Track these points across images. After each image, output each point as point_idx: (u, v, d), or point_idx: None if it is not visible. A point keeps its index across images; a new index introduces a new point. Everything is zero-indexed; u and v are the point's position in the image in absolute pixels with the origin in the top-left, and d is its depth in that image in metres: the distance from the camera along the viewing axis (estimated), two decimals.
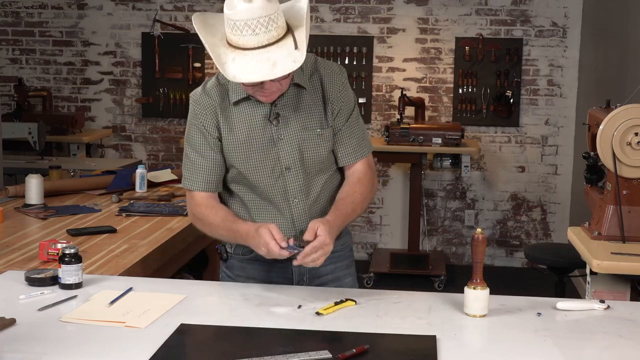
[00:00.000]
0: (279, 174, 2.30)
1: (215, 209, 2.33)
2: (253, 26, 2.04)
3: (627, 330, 1.99)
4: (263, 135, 2.28)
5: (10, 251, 2.82)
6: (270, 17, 2.05)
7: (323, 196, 2.36)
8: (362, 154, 2.38)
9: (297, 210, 2.33)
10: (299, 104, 2.29)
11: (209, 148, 2.31)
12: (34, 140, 5.14)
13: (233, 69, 2.07)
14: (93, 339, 1.87)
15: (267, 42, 2.07)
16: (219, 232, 2.33)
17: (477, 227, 2.13)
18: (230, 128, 2.29)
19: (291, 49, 2.08)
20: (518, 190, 6.49)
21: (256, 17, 2.04)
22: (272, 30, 2.07)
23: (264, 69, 2.06)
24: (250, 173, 2.31)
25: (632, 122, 3.23)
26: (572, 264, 4.09)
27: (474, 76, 6.34)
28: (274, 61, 2.06)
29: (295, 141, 2.28)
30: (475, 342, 1.99)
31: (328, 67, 2.35)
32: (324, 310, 2.06)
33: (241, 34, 2.06)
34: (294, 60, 2.07)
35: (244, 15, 2.03)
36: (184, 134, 2.40)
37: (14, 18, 6.71)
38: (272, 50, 2.07)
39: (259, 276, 2.40)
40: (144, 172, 4.02)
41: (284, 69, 2.07)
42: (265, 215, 2.35)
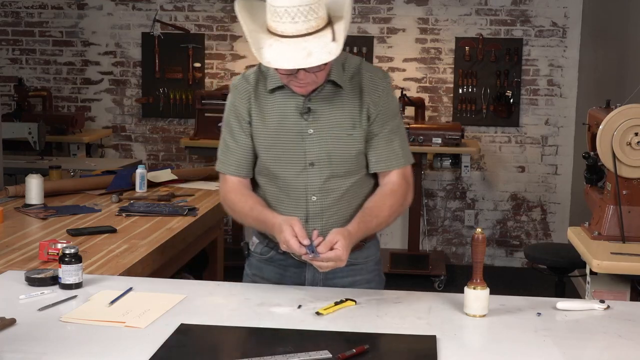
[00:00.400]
0: (302, 169, 2.28)
1: (245, 197, 2.33)
2: (293, 14, 2.04)
3: (627, 330, 1.99)
4: (293, 127, 2.26)
5: (10, 251, 2.82)
6: (310, 6, 2.05)
7: (344, 199, 2.31)
8: (398, 163, 2.32)
9: (313, 208, 2.30)
10: (334, 101, 2.27)
11: (242, 132, 2.32)
12: (34, 140, 5.14)
13: (268, 54, 2.07)
14: (93, 339, 1.87)
15: (306, 31, 2.06)
16: (246, 220, 2.33)
17: (477, 227, 2.12)
18: (262, 115, 2.29)
19: (328, 40, 2.07)
20: (518, 190, 6.49)
21: (296, 4, 2.04)
22: (312, 20, 2.06)
23: (298, 57, 2.05)
24: (274, 163, 2.29)
25: (632, 122, 3.23)
26: (572, 264, 4.09)
27: (474, 76, 6.34)
28: (310, 51, 2.05)
29: (323, 138, 2.26)
30: (475, 342, 1.99)
31: (372, 71, 2.32)
32: (324, 310, 2.06)
33: (280, 20, 2.06)
34: (329, 52, 2.06)
35: (285, 2, 2.04)
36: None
37: (14, 18, 6.71)
38: (309, 40, 2.06)
39: (272, 278, 2.40)
40: (144, 172, 4.02)
41: (319, 59, 2.06)
42: (281, 209, 2.32)
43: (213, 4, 6.51)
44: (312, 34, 2.07)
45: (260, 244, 2.43)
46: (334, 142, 2.26)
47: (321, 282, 2.37)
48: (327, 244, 2.09)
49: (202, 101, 5.97)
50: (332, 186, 2.29)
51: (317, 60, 2.06)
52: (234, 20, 6.49)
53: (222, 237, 4.27)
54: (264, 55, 2.08)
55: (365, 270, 2.41)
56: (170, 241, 3.11)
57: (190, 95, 6.50)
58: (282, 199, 2.32)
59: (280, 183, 2.31)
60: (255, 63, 2.30)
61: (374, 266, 2.46)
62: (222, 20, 6.52)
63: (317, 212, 2.30)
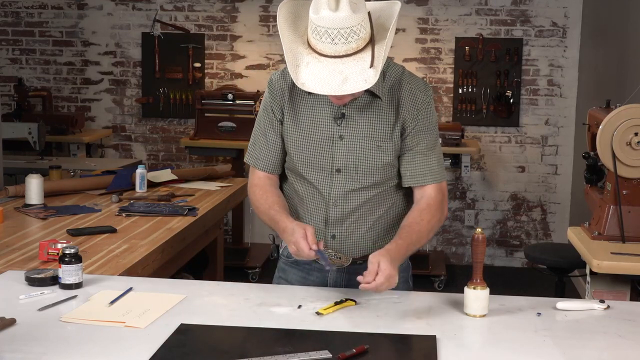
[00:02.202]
0: (329, 174, 2.27)
1: (267, 194, 2.32)
2: (333, 35, 2.01)
3: (627, 330, 1.99)
4: (324, 130, 2.25)
5: (10, 251, 2.82)
6: (352, 28, 2.01)
7: (365, 207, 2.29)
8: (434, 178, 2.29)
9: (334, 214, 2.29)
10: (369, 111, 2.23)
11: (272, 130, 2.31)
12: (34, 140, 5.14)
13: (304, 75, 2.05)
14: (93, 339, 1.87)
15: (345, 52, 2.03)
16: (262, 216, 2.32)
17: (477, 227, 2.12)
18: (295, 115, 2.27)
19: (366, 65, 2.03)
20: (518, 190, 6.49)
21: (337, 27, 2.00)
22: (352, 42, 2.02)
23: (333, 82, 2.03)
24: (302, 165, 2.29)
25: (632, 122, 3.23)
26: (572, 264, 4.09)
27: (474, 76, 6.34)
28: (346, 76, 2.03)
29: (352, 146, 2.24)
30: (475, 342, 1.99)
31: (413, 83, 2.27)
32: (324, 310, 2.06)
33: (320, 40, 2.03)
34: (366, 80, 2.03)
35: (326, 24, 2.00)
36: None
37: (14, 18, 6.71)
38: (347, 62, 2.03)
39: (295, 281, 2.40)
40: (144, 172, 4.02)
41: (354, 87, 2.03)
42: (302, 209, 2.33)
43: (213, 4, 6.51)
44: (351, 55, 2.04)
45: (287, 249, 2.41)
46: (363, 152, 2.24)
47: (343, 287, 2.35)
48: (372, 273, 2.04)
49: (202, 101, 5.98)
50: (355, 195, 2.28)
51: (352, 88, 2.03)
52: (234, 20, 6.49)
53: (222, 237, 4.28)
54: (299, 76, 2.05)
55: None
56: (170, 241, 3.11)
57: (190, 95, 6.50)
58: (305, 199, 2.32)
59: (305, 184, 2.31)
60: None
61: (400, 274, 2.36)
62: (222, 20, 6.52)
63: (337, 218, 2.29)
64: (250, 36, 6.49)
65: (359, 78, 2.03)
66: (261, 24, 6.47)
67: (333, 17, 1.99)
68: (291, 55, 2.07)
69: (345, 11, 1.99)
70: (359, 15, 2.01)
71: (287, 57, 2.07)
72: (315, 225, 2.27)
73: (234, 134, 5.91)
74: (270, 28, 6.46)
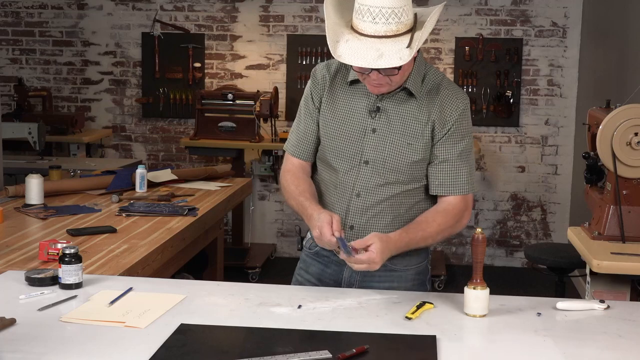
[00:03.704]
0: (356, 164, 2.30)
1: (299, 180, 2.37)
2: (374, 14, 2.06)
3: (627, 330, 1.99)
4: (358, 122, 2.29)
5: (10, 251, 2.82)
6: (394, 10, 2.06)
7: (387, 203, 2.31)
8: (461, 190, 2.29)
9: (355, 205, 2.31)
10: (403, 108, 2.27)
11: (309, 117, 2.37)
12: (34, 140, 5.14)
13: (342, 48, 2.10)
14: (93, 339, 1.87)
15: (384, 33, 2.07)
16: (291, 201, 2.36)
17: (477, 227, 2.12)
18: (333, 105, 2.32)
19: (403, 46, 2.07)
20: (518, 190, 6.49)
21: (379, 6, 2.05)
22: (392, 24, 2.07)
23: (369, 57, 2.06)
24: (332, 153, 2.33)
25: (632, 122, 3.23)
26: (572, 264, 4.09)
27: (474, 76, 6.34)
28: (382, 53, 2.06)
29: (383, 140, 2.27)
30: (475, 342, 1.99)
31: (452, 89, 2.29)
32: (412, 315, 2.03)
33: (362, 18, 2.08)
34: (401, 57, 2.06)
35: (369, 2, 2.05)
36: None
37: (14, 18, 6.71)
38: (385, 42, 2.07)
39: (313, 272, 2.43)
40: (144, 172, 4.02)
41: (389, 62, 2.06)
42: (327, 197, 2.36)
43: (213, 4, 6.51)
44: (390, 37, 2.07)
45: (311, 239, 2.45)
46: (392, 147, 2.27)
47: (357, 283, 2.38)
48: (362, 243, 2.11)
49: (202, 101, 5.98)
50: (379, 189, 2.30)
51: (387, 63, 2.06)
52: (234, 20, 6.49)
53: (222, 237, 4.28)
54: (337, 49, 2.10)
55: (404, 278, 2.39)
56: (170, 241, 3.11)
57: (190, 95, 6.50)
58: (331, 188, 2.36)
59: (333, 173, 2.35)
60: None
61: (415, 275, 2.42)
62: (222, 20, 6.52)
63: (358, 210, 2.31)
64: (250, 36, 6.49)
65: (394, 55, 2.06)
66: (261, 24, 6.47)
67: None
68: (332, 33, 2.13)
69: None
70: (403, 1, 2.06)
71: (328, 34, 2.12)
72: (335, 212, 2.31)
73: (234, 134, 5.91)
74: (270, 28, 6.46)
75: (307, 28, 6.44)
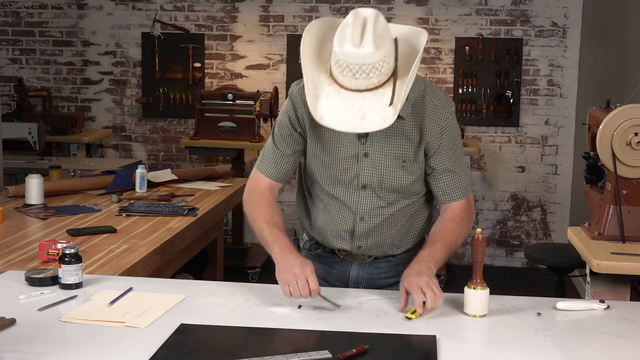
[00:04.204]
0: (354, 190, 2.28)
1: (267, 204, 2.30)
2: (354, 71, 1.99)
3: (627, 330, 1.99)
4: (348, 148, 2.24)
5: (10, 251, 2.82)
6: (374, 65, 1.98)
7: (391, 220, 2.32)
8: (464, 194, 2.31)
9: (360, 228, 2.32)
10: (393, 130, 2.19)
11: (287, 139, 2.30)
12: (34, 140, 5.14)
13: (323, 108, 2.03)
14: (93, 339, 1.87)
15: (365, 87, 2.01)
16: (256, 225, 2.29)
17: (477, 227, 2.12)
18: (319, 133, 2.25)
19: (385, 103, 2.01)
20: (518, 190, 6.49)
21: (359, 63, 1.97)
22: (373, 78, 2.00)
23: (351, 118, 2.01)
24: (328, 181, 2.30)
25: (632, 122, 3.23)
26: (572, 264, 4.08)
27: (474, 76, 6.34)
28: (364, 113, 2.01)
29: (377, 164, 2.24)
30: (475, 342, 1.99)
31: (436, 99, 2.23)
32: (412, 315, 2.03)
33: (341, 73, 2.01)
34: (384, 119, 2.01)
35: (348, 59, 1.98)
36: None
37: (14, 18, 6.71)
38: (367, 97, 2.01)
39: (318, 273, 2.36)
40: (144, 172, 4.02)
41: (372, 125, 2.01)
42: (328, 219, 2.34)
43: (213, 4, 6.51)
44: (371, 90, 2.02)
45: (310, 241, 2.46)
46: (387, 169, 2.25)
47: (365, 281, 2.39)
48: (417, 294, 2.03)
49: (202, 101, 5.98)
50: (382, 210, 2.30)
51: (370, 127, 2.02)
52: (234, 20, 6.49)
53: (222, 237, 4.28)
54: (318, 108, 2.03)
55: None
56: (170, 241, 3.11)
57: (190, 95, 6.50)
58: (332, 210, 2.34)
59: (331, 198, 2.32)
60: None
61: None
62: (222, 20, 6.51)
63: (364, 232, 2.33)
64: (250, 36, 6.49)
65: (377, 116, 2.01)
66: (261, 24, 6.47)
67: (355, 53, 1.96)
68: (312, 85, 2.05)
69: (368, 47, 1.96)
70: (382, 51, 1.98)
71: (307, 86, 2.05)
72: (340, 235, 2.34)
73: (234, 134, 5.91)
74: (270, 28, 6.46)
75: None
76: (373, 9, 2.03)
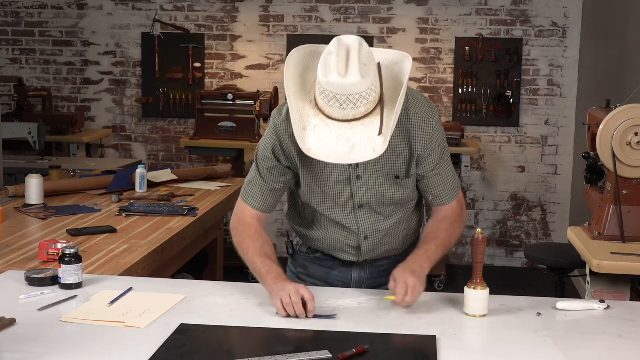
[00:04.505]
0: (351, 210, 2.28)
1: (257, 235, 2.28)
2: (342, 101, 1.95)
3: (627, 330, 1.99)
4: (340, 173, 2.21)
5: (10, 251, 2.82)
6: (361, 94, 1.95)
7: (392, 230, 2.34)
8: (453, 195, 2.32)
9: (365, 247, 2.33)
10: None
11: (270, 174, 2.25)
12: (34, 140, 5.13)
13: (311, 140, 2.00)
14: (93, 339, 1.87)
15: (353, 117, 1.98)
16: (246, 256, 2.26)
17: (477, 227, 2.13)
18: (308, 161, 2.18)
19: (374, 132, 1.98)
20: (518, 190, 6.49)
21: (346, 94, 1.94)
22: (361, 107, 1.97)
23: (340, 149, 1.98)
24: (323, 206, 2.29)
25: (632, 122, 3.23)
26: (572, 264, 4.08)
27: (474, 76, 6.34)
28: (353, 143, 1.98)
29: (371, 183, 2.23)
30: (475, 342, 1.99)
31: (420, 110, 2.18)
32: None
33: (328, 103, 1.97)
34: (374, 149, 1.98)
35: (334, 89, 1.94)
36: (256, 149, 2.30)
37: (14, 18, 6.70)
38: (355, 127, 1.98)
39: (319, 275, 2.42)
40: (144, 172, 4.02)
41: (362, 156, 1.99)
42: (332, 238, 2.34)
43: (213, 4, 6.51)
44: (359, 119, 1.99)
45: (305, 245, 2.45)
46: (382, 188, 2.24)
47: (367, 282, 2.40)
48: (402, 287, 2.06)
49: (202, 101, 5.98)
50: (382, 224, 2.31)
51: (360, 158, 2.00)
52: (234, 20, 6.49)
53: (222, 237, 4.28)
54: (306, 141, 2.00)
55: None
56: (170, 241, 3.11)
57: (190, 95, 6.50)
58: (335, 231, 2.34)
59: (331, 221, 2.32)
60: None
61: None
62: (222, 20, 6.51)
63: (370, 249, 2.34)
64: (250, 36, 6.49)
65: (367, 146, 1.99)
66: (261, 24, 6.47)
67: (342, 83, 1.93)
68: (297, 116, 2.02)
69: (354, 77, 1.93)
70: (369, 80, 1.95)
71: (292, 118, 2.02)
72: (346, 250, 2.35)
73: (234, 134, 5.91)
74: (270, 28, 6.46)
75: (307, 28, 6.44)
76: (356, 37, 2.00)
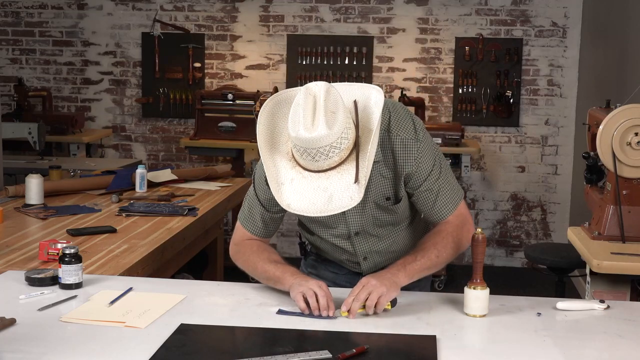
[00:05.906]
0: (347, 238, 2.30)
1: (260, 248, 2.29)
2: (313, 154, 1.95)
3: (627, 330, 1.99)
4: None
5: (10, 251, 2.82)
6: (332, 144, 1.94)
7: (391, 248, 2.34)
8: (445, 213, 2.23)
9: (366, 266, 2.35)
10: (371, 175, 2.11)
11: (270, 202, 2.22)
12: (34, 140, 5.13)
13: (288, 194, 2.00)
14: (93, 339, 1.87)
15: (328, 166, 1.98)
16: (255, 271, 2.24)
17: (477, 227, 2.12)
18: None
19: (350, 181, 1.97)
20: (518, 190, 6.49)
21: (317, 147, 1.93)
22: (334, 156, 1.96)
23: (319, 202, 1.98)
24: (319, 232, 2.31)
25: (632, 122, 3.23)
26: (572, 264, 4.08)
27: (474, 76, 6.34)
28: (331, 194, 1.97)
29: (362, 212, 2.22)
30: (475, 342, 1.99)
31: (402, 130, 2.15)
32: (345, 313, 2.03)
33: (301, 157, 1.98)
34: (351, 198, 1.97)
35: (304, 144, 1.94)
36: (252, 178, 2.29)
37: (14, 18, 6.70)
38: (332, 177, 1.98)
39: (327, 277, 2.42)
40: (144, 172, 4.02)
41: (339, 206, 1.98)
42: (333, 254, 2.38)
43: (213, 4, 6.51)
44: (335, 168, 1.98)
45: (315, 248, 2.47)
46: (374, 214, 2.24)
47: None
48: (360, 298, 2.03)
49: (202, 101, 5.98)
50: (379, 244, 2.33)
51: (339, 208, 1.98)
52: (234, 20, 6.49)
53: (222, 237, 4.28)
54: (284, 196, 2.00)
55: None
56: (170, 241, 3.11)
57: (190, 95, 6.50)
58: (337, 253, 2.37)
59: (331, 245, 2.34)
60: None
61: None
62: (222, 20, 6.51)
63: (371, 268, 2.35)
64: (250, 36, 6.49)
65: (344, 195, 1.97)
66: (261, 24, 6.47)
67: (310, 138, 1.92)
68: (273, 172, 2.02)
69: (321, 130, 1.91)
70: (337, 130, 1.93)
71: (268, 176, 2.03)
72: (349, 266, 2.38)
73: (234, 134, 5.91)
74: (270, 28, 6.46)
75: (307, 28, 6.44)
76: (324, 83, 1.98)
